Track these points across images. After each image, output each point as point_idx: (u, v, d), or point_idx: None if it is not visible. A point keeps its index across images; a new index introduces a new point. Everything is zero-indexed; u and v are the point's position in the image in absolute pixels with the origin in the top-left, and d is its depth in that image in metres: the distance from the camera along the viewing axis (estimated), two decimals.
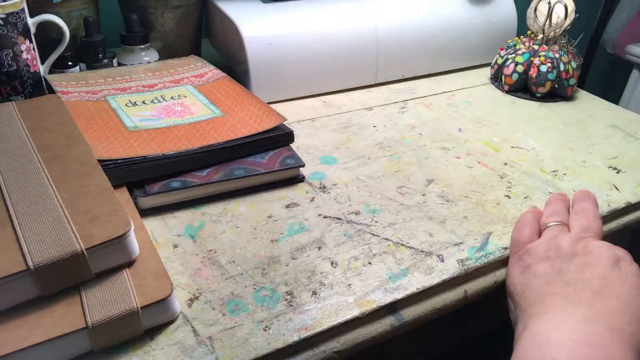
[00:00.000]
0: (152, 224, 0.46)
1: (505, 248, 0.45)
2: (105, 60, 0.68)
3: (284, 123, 0.55)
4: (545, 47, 0.72)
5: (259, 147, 0.53)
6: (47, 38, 0.65)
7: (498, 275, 0.44)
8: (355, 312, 0.38)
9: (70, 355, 0.33)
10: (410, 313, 0.40)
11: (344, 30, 0.70)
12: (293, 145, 0.55)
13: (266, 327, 0.37)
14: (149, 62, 0.70)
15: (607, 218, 0.50)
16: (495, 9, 0.81)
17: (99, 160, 0.43)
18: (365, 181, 0.53)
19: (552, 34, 0.72)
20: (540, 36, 0.73)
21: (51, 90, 0.59)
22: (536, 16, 0.74)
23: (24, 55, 0.58)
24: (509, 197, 0.52)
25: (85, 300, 0.34)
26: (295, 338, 0.36)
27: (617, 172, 0.56)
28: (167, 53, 0.74)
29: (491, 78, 0.79)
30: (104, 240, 0.34)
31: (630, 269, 0.37)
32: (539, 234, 0.43)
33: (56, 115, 0.49)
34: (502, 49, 0.77)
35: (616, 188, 0.53)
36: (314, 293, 0.40)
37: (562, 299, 0.36)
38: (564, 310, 0.35)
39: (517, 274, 0.41)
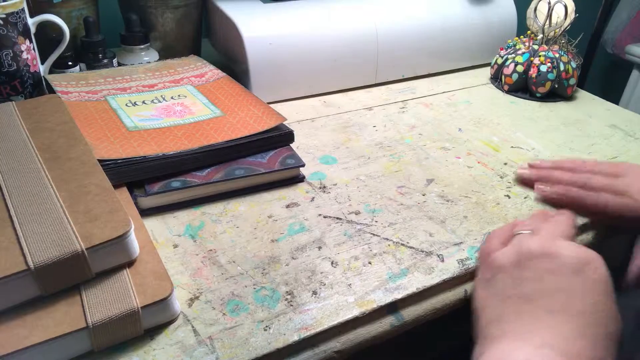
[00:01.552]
0: (152, 224, 0.46)
1: None
2: (105, 60, 0.68)
3: (284, 123, 0.55)
4: (545, 47, 0.72)
5: (259, 147, 0.53)
6: (47, 38, 0.65)
7: None
8: (355, 312, 0.38)
9: (71, 355, 0.33)
10: (410, 313, 0.40)
11: (344, 30, 0.70)
12: (293, 145, 0.55)
13: (266, 326, 0.37)
14: (149, 62, 0.70)
15: None
16: (495, 9, 0.81)
17: (99, 160, 0.43)
18: (365, 181, 0.53)
19: (552, 34, 0.72)
20: (540, 36, 0.73)
21: (51, 90, 0.59)
22: (536, 16, 0.74)
23: (24, 55, 0.58)
24: (509, 197, 0.52)
25: (86, 300, 0.34)
26: (296, 338, 0.36)
27: None
28: (167, 53, 0.74)
29: (491, 78, 0.79)
30: (104, 240, 0.34)
31: (595, 277, 0.34)
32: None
33: (56, 115, 0.49)
34: (502, 49, 0.77)
35: None
36: (314, 293, 0.40)
37: (518, 320, 0.34)
38: (517, 336, 0.33)
39: (478, 288, 0.39)
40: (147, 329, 0.35)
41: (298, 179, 0.53)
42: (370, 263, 0.43)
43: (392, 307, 0.40)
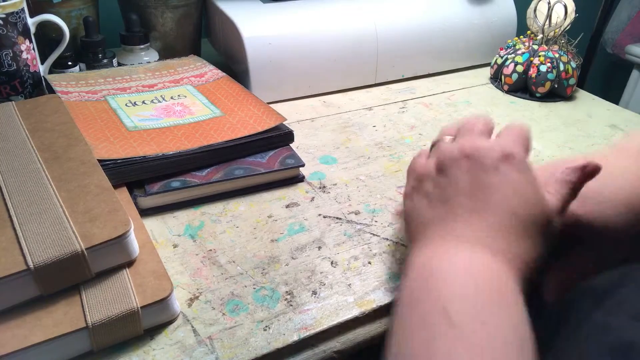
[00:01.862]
0: (152, 224, 0.46)
1: None
2: (105, 60, 0.68)
3: (284, 123, 0.55)
4: (545, 47, 0.72)
5: (259, 147, 0.53)
6: (47, 38, 0.65)
7: None
8: (355, 312, 0.38)
9: (70, 355, 0.33)
10: None
11: (343, 30, 0.70)
12: (293, 145, 0.55)
13: (266, 326, 0.37)
14: (149, 62, 0.70)
15: None
16: (495, 9, 0.81)
17: (98, 160, 0.43)
18: (365, 181, 0.53)
19: (551, 33, 0.72)
20: (540, 36, 0.73)
21: (51, 90, 0.59)
22: (536, 16, 0.74)
23: (24, 55, 0.58)
24: None
25: (85, 300, 0.34)
26: (295, 338, 0.36)
27: None
28: (167, 53, 0.74)
29: (491, 78, 0.79)
30: (104, 240, 0.34)
31: (512, 169, 0.33)
32: None
33: (56, 115, 0.49)
34: (501, 49, 0.77)
35: None
36: (314, 293, 0.40)
37: (440, 222, 0.33)
38: (444, 238, 0.33)
39: (404, 203, 0.38)
40: (146, 328, 0.35)
41: (298, 179, 0.53)
42: (370, 263, 0.43)
43: (392, 308, 0.40)
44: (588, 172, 0.35)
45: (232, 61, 0.73)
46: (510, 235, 0.31)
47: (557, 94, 0.73)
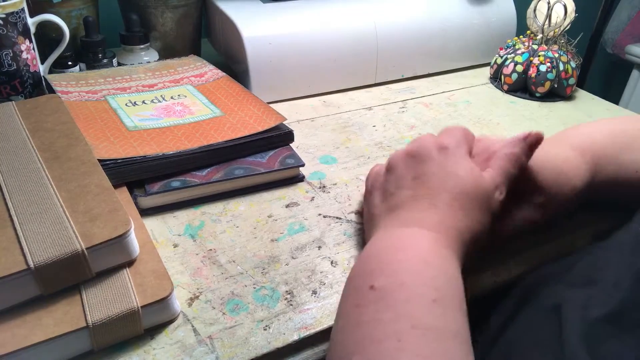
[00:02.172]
0: (152, 224, 0.46)
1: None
2: (105, 60, 0.68)
3: (284, 123, 0.55)
4: (545, 46, 0.72)
5: (259, 146, 0.53)
6: (47, 38, 0.65)
7: (497, 274, 0.44)
8: None
9: (71, 355, 0.33)
10: None
11: (343, 30, 0.70)
12: (293, 145, 0.55)
13: (266, 326, 0.37)
14: (149, 62, 0.70)
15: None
16: (494, 9, 0.81)
17: (99, 160, 0.43)
18: (364, 181, 0.53)
19: (551, 33, 0.72)
20: (539, 36, 0.73)
21: (51, 90, 0.59)
22: (535, 16, 0.74)
23: (24, 55, 0.58)
24: None
25: (86, 300, 0.34)
26: (295, 337, 0.36)
27: None
28: (167, 53, 0.74)
29: (490, 78, 0.79)
30: (104, 240, 0.34)
31: (446, 156, 0.37)
32: None
33: (56, 115, 0.49)
34: (501, 49, 0.77)
35: None
36: (314, 292, 0.40)
37: (386, 214, 0.38)
38: (386, 226, 0.37)
39: (364, 206, 0.43)
40: (147, 328, 0.35)
41: (298, 179, 0.53)
42: None
43: None
44: (530, 142, 0.39)
45: (232, 61, 0.73)
46: (445, 209, 0.35)
47: (556, 93, 0.73)
